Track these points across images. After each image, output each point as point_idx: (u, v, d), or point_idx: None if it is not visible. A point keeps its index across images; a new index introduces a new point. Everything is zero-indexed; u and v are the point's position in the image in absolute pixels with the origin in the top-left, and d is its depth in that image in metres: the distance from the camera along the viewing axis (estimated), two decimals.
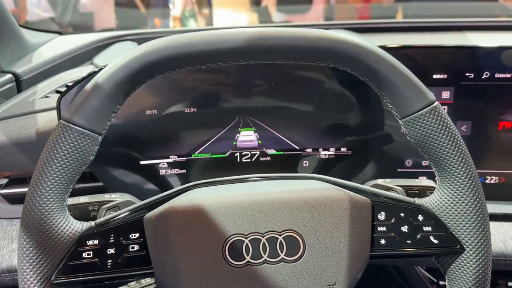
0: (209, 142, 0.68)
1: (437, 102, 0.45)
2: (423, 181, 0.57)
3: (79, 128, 0.41)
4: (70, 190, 0.42)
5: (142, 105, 0.65)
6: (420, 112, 0.45)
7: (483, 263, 0.45)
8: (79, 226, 0.43)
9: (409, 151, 0.71)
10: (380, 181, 0.58)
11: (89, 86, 0.41)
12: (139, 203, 0.47)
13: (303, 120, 0.70)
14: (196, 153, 0.68)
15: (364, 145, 0.72)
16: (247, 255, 0.43)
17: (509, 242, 0.65)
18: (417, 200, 0.48)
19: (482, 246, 0.45)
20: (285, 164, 0.71)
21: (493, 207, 0.70)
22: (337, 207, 0.45)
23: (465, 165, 0.45)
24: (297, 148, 0.71)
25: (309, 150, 0.71)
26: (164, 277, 0.43)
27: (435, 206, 0.47)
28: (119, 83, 0.41)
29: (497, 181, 0.71)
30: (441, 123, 0.44)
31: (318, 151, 0.71)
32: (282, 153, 0.71)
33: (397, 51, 0.67)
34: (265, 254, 0.43)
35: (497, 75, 0.67)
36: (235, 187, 0.48)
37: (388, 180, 0.59)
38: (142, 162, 0.67)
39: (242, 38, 0.43)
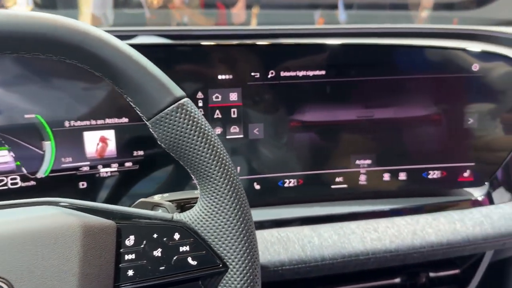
0: None
1: (186, 99, 0.38)
2: None
3: None
4: None
5: None
6: (166, 110, 0.37)
7: (248, 281, 0.39)
8: None
9: None
10: (155, 197, 0.49)
11: None
12: None
13: None
14: None
15: (152, 159, 0.63)
16: None
17: (308, 246, 0.62)
18: (176, 216, 0.40)
19: (246, 261, 0.39)
20: (56, 188, 0.59)
21: (291, 212, 0.67)
22: (64, 238, 0.35)
23: (222, 168, 0.38)
24: (70, 167, 0.59)
25: (85, 168, 0.60)
26: None
27: (195, 220, 0.40)
28: None
29: (295, 183, 0.69)
30: (191, 121, 0.38)
31: (97, 168, 0.61)
32: (48, 174, 0.58)
33: (171, 49, 0.61)
34: None
35: (282, 74, 0.64)
36: None
37: (166, 194, 0.50)
38: None
39: None
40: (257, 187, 0.67)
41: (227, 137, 0.64)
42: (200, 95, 0.62)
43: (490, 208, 0.71)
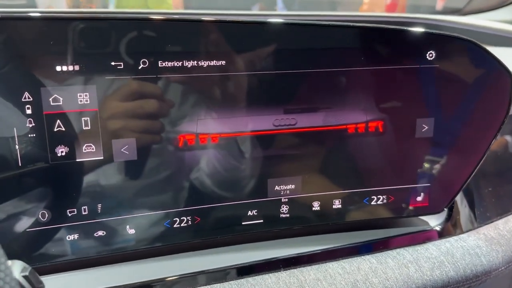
0: None
1: None
2: None
3: None
4: None
5: None
6: None
7: None
8: None
9: None
10: None
11: None
12: None
13: None
14: None
15: None
16: None
17: None
18: None
19: None
20: None
21: (182, 264, 0.47)
22: None
23: None
24: None
25: None
26: None
27: None
28: None
29: (190, 222, 0.48)
30: None
31: None
32: None
33: None
34: None
35: (161, 64, 0.43)
36: None
37: None
38: None
39: None
40: (131, 231, 0.46)
41: (78, 160, 0.42)
42: (27, 97, 0.40)
43: (450, 241, 0.54)
